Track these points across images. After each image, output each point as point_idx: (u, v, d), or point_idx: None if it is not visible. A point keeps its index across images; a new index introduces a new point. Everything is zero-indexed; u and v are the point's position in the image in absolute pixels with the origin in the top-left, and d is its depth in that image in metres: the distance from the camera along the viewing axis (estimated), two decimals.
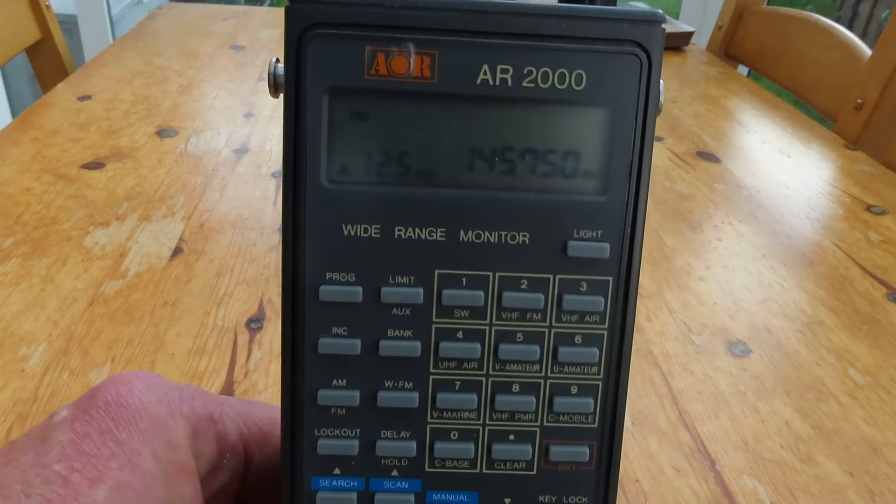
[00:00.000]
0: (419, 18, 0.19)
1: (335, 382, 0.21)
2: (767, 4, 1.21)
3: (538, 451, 0.21)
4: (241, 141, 0.77)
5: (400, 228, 0.20)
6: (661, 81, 0.20)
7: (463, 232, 0.20)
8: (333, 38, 0.19)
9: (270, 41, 1.13)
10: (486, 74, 0.19)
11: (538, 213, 0.20)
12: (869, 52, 0.93)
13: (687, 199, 0.70)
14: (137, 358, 0.45)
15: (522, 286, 0.21)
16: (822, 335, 0.51)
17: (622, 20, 0.19)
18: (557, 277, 0.21)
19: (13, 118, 0.82)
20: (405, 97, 0.19)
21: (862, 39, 0.97)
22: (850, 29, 1.02)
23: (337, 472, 0.21)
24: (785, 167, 0.79)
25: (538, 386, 0.21)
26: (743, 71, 1.25)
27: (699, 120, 0.91)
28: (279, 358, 0.21)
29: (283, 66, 0.19)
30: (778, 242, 0.63)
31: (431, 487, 0.21)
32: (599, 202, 0.20)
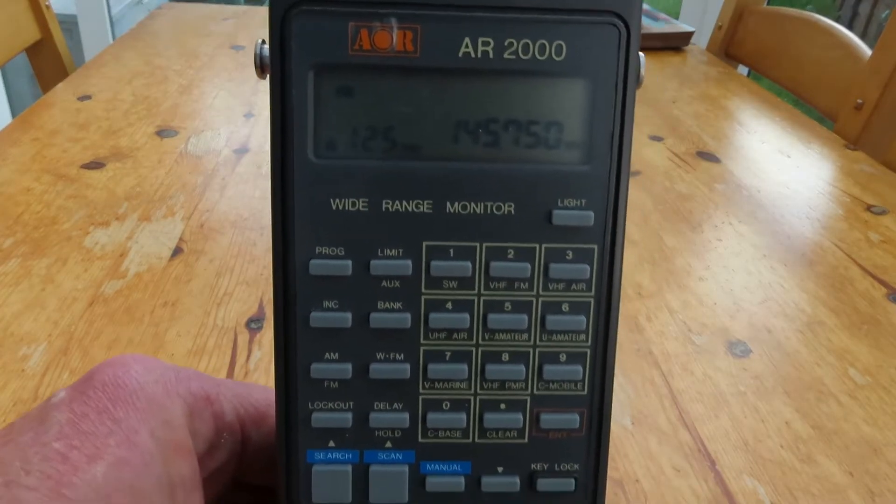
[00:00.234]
0: None
1: (327, 356, 0.21)
2: (767, 4, 1.21)
3: (529, 419, 0.22)
4: (241, 141, 0.77)
5: (387, 201, 0.20)
6: (640, 54, 0.20)
7: (449, 204, 0.20)
8: (317, 14, 0.19)
9: None
10: (467, 47, 0.20)
11: (523, 183, 0.20)
12: (869, 52, 0.93)
13: (687, 199, 0.70)
14: None
15: (509, 256, 0.21)
16: (822, 335, 0.51)
17: None
18: (543, 246, 0.21)
19: (13, 118, 0.82)
20: (389, 72, 0.20)
21: (862, 39, 0.97)
22: (850, 29, 1.02)
23: (332, 444, 0.21)
24: (785, 167, 0.79)
25: (527, 355, 0.21)
26: (743, 71, 1.25)
27: (699, 120, 0.91)
28: None
29: (268, 46, 0.20)
30: (778, 242, 0.63)
31: (425, 458, 0.22)
32: (583, 171, 0.21)
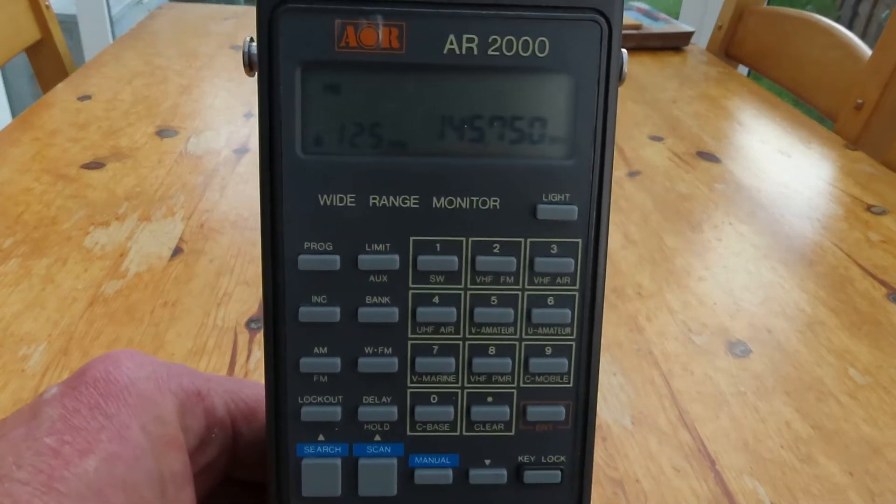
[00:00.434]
0: None
1: (316, 350, 0.21)
2: (767, 4, 1.21)
3: (516, 412, 0.22)
4: (241, 141, 0.77)
5: (374, 197, 0.20)
6: (623, 50, 0.20)
7: (436, 199, 0.21)
8: (304, 12, 0.19)
9: None
10: (452, 44, 0.20)
11: (508, 178, 0.21)
12: (869, 52, 0.93)
13: (687, 199, 0.70)
14: None
15: (495, 250, 0.21)
16: (822, 335, 0.51)
17: None
18: (528, 241, 0.21)
19: (13, 118, 0.82)
20: (375, 69, 0.20)
21: (862, 39, 0.97)
22: (850, 29, 1.02)
23: (321, 438, 0.21)
24: (785, 167, 0.79)
25: (513, 348, 0.22)
26: (743, 71, 1.25)
27: (699, 120, 0.91)
28: None
29: (256, 44, 0.20)
30: (778, 242, 0.63)
31: (414, 451, 0.22)
32: (567, 166, 0.21)
